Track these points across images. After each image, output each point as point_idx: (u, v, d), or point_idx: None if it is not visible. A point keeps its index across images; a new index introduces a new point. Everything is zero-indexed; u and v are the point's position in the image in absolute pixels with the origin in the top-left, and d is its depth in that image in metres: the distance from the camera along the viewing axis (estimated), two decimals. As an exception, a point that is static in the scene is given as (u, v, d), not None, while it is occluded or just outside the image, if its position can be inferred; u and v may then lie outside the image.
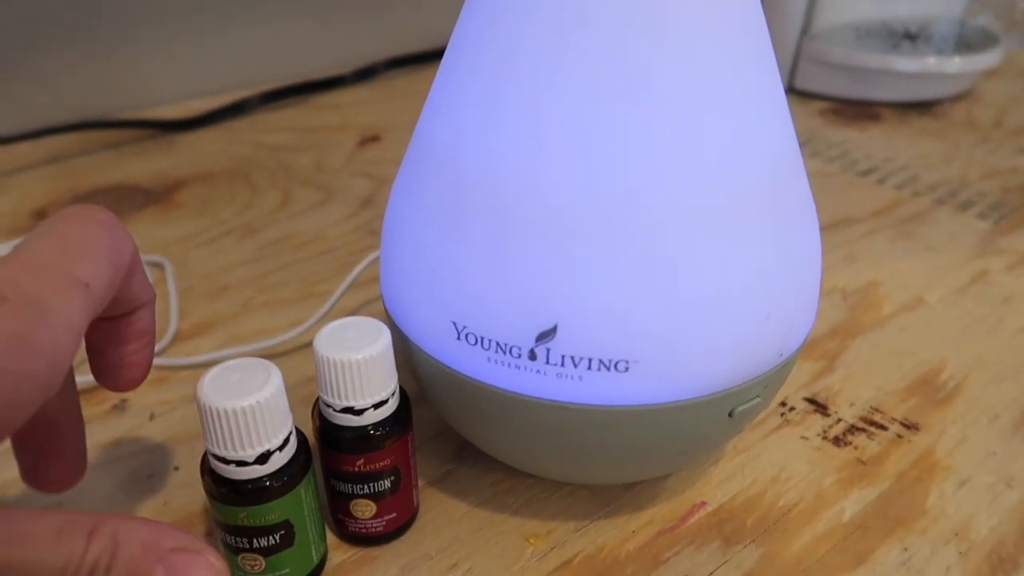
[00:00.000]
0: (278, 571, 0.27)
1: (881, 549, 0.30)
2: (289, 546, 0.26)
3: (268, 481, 0.25)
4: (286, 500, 0.25)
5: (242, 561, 0.26)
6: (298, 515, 0.26)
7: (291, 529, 0.26)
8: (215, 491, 0.25)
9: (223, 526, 0.26)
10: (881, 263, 0.50)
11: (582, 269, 0.24)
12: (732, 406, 0.27)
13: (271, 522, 0.25)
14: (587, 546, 0.30)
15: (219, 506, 0.25)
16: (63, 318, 0.18)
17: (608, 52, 0.23)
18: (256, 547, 0.26)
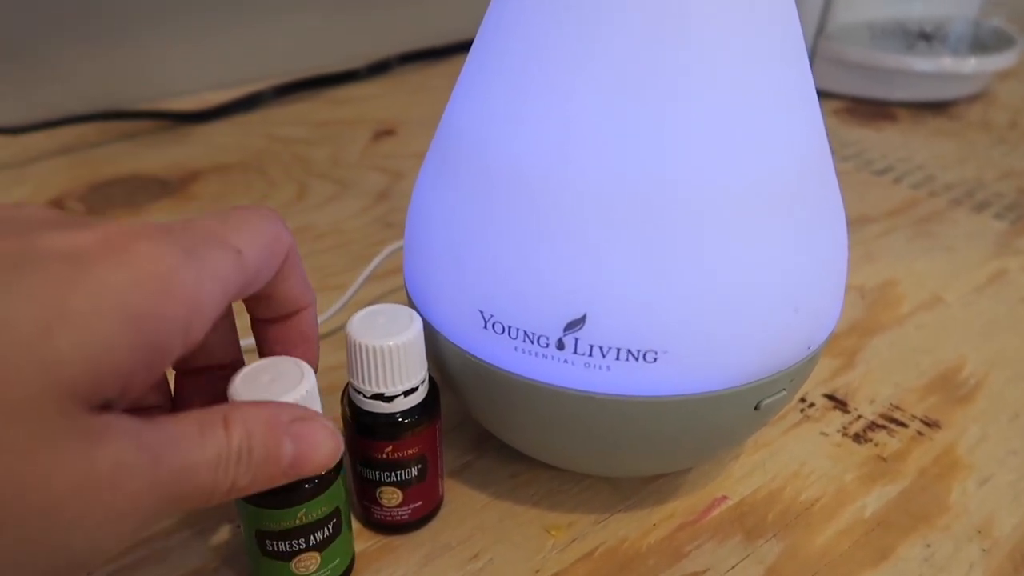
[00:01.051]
0: (331, 563, 0.26)
1: (903, 545, 0.30)
2: (339, 534, 0.26)
3: (307, 485, 0.25)
4: (335, 487, 0.25)
5: (296, 565, 0.26)
6: (343, 503, 0.26)
7: (339, 516, 0.26)
8: (276, 499, 0.24)
9: (276, 534, 0.25)
10: (898, 262, 0.49)
11: (612, 259, 0.24)
12: (759, 399, 0.27)
13: (323, 515, 0.25)
14: (608, 538, 0.30)
15: (277, 513, 0.24)
16: (209, 269, 0.18)
17: (641, 43, 0.23)
18: (311, 544, 0.25)
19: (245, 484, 0.19)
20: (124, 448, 0.16)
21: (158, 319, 0.16)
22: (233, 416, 0.19)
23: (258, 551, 0.25)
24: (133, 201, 0.55)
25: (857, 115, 0.72)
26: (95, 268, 0.16)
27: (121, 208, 0.54)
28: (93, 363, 0.15)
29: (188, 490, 0.18)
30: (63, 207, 0.54)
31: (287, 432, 0.20)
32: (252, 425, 0.19)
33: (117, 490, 0.16)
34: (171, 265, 0.17)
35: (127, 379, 0.16)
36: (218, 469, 0.18)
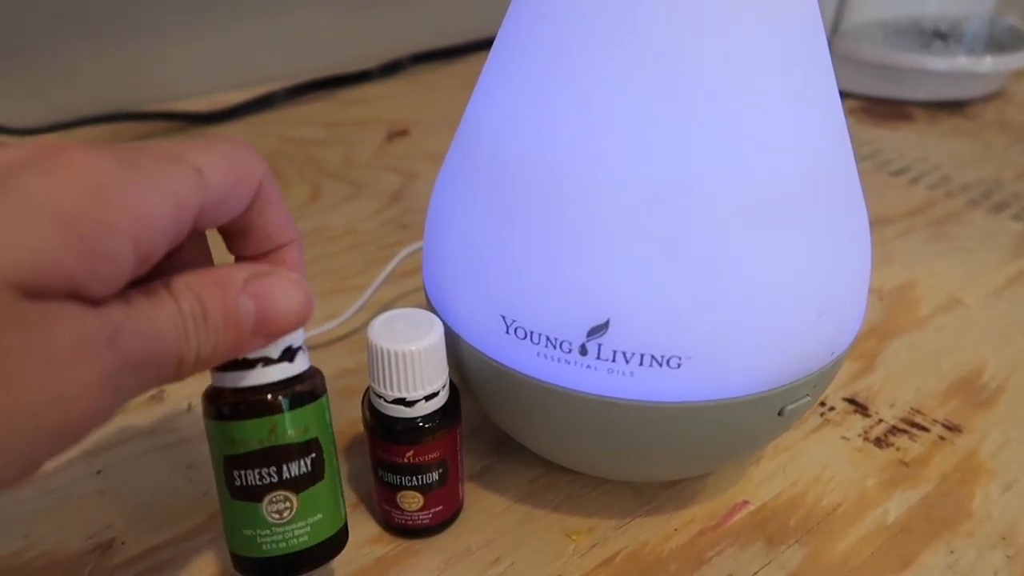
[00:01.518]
0: (312, 516, 0.23)
1: (927, 552, 0.30)
2: (322, 478, 0.23)
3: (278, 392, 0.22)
4: (314, 410, 0.23)
5: (268, 507, 0.22)
6: (326, 440, 0.23)
7: (321, 453, 0.23)
8: (218, 408, 0.22)
9: (244, 459, 0.22)
10: (916, 264, 0.49)
11: (636, 264, 0.24)
12: (782, 404, 0.26)
13: (298, 439, 0.22)
14: (629, 543, 0.30)
15: (243, 425, 0.22)
16: (155, 181, 0.17)
17: (666, 46, 0.22)
18: (285, 478, 0.22)
19: (210, 351, 0.19)
20: (78, 325, 0.16)
21: (94, 224, 0.16)
22: (176, 282, 0.19)
23: (228, 494, 0.23)
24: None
25: (872, 115, 0.72)
26: (20, 176, 0.16)
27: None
28: (27, 257, 0.15)
29: (153, 360, 0.18)
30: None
31: (243, 291, 0.19)
32: (200, 289, 0.19)
33: (80, 366, 0.16)
34: (105, 171, 0.16)
35: (71, 281, 0.16)
36: (178, 335, 0.18)
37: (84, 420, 0.16)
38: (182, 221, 0.18)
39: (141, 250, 0.17)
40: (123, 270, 0.17)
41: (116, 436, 0.35)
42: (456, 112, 0.28)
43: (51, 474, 0.33)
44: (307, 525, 0.23)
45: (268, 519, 0.22)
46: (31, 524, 0.31)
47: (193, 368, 0.19)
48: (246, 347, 0.20)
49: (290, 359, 0.22)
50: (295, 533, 0.23)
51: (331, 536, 0.24)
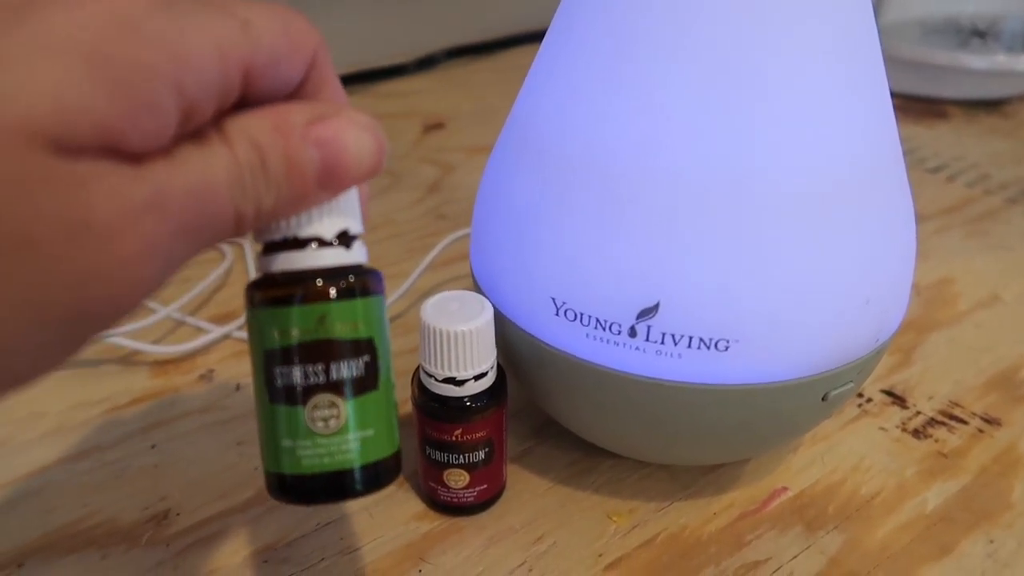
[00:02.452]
0: (363, 429, 0.19)
1: (966, 541, 0.30)
2: (375, 387, 0.20)
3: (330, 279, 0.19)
4: (370, 305, 0.19)
5: (312, 413, 0.19)
6: (382, 346, 0.20)
7: (375, 357, 0.20)
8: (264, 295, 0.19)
9: (286, 353, 0.19)
10: (954, 260, 0.49)
11: (687, 248, 0.24)
12: (827, 389, 0.27)
13: (350, 334, 0.19)
14: (669, 525, 0.31)
15: (288, 312, 0.19)
16: (196, 23, 0.15)
17: (723, 39, 0.23)
18: (333, 379, 0.19)
19: (271, 205, 0.17)
20: (117, 187, 0.14)
21: (129, 64, 0.14)
22: (230, 127, 0.16)
23: (266, 397, 0.19)
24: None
25: (909, 112, 0.71)
26: (41, 8, 0.13)
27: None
28: (52, 100, 0.13)
29: (207, 221, 0.16)
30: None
31: (305, 137, 0.17)
32: (256, 134, 0.16)
33: (121, 235, 0.14)
34: (138, 7, 0.14)
35: (106, 131, 0.14)
36: (233, 189, 0.16)
37: (129, 294, 0.15)
38: (228, 75, 0.16)
39: (185, 100, 0.15)
40: (165, 122, 0.15)
41: (168, 412, 0.36)
42: (491, 105, 0.29)
43: (109, 447, 0.34)
44: (356, 440, 0.19)
45: (311, 427, 0.19)
46: (90, 494, 0.32)
47: (252, 224, 0.17)
48: (310, 200, 0.17)
49: (346, 245, 0.19)
50: (341, 447, 0.19)
51: (383, 459, 0.20)
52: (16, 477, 0.32)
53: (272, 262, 0.19)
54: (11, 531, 0.30)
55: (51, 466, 0.33)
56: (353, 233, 0.19)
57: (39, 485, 0.32)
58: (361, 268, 0.20)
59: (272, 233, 0.19)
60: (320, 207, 0.19)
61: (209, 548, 0.30)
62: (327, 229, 0.19)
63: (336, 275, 0.19)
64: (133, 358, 0.39)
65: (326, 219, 0.19)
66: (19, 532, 0.30)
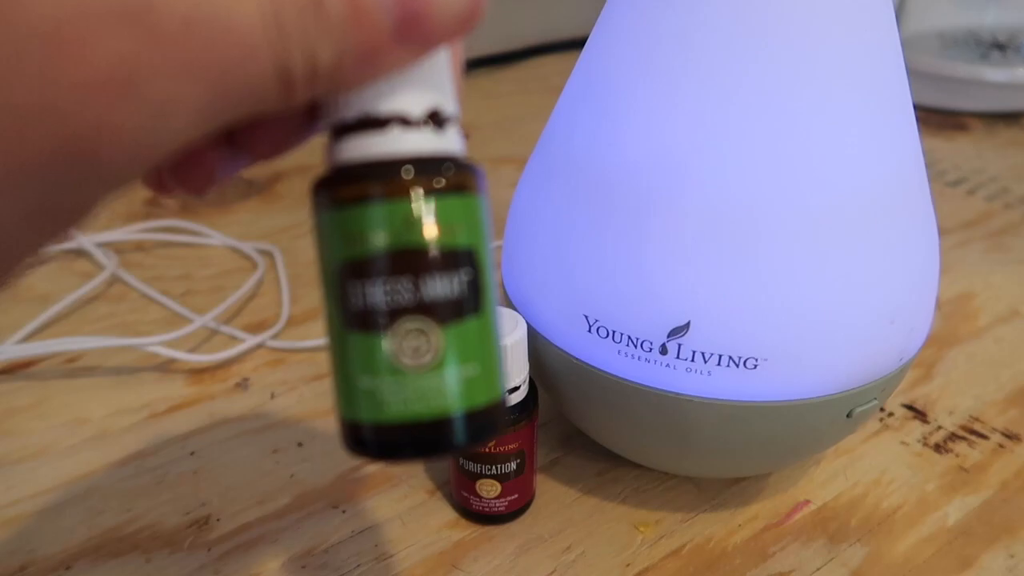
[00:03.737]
0: (463, 364, 0.15)
1: (987, 555, 0.31)
2: (477, 310, 0.15)
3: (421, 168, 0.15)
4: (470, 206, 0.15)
5: (398, 342, 0.15)
6: (484, 259, 0.16)
7: (478, 273, 0.15)
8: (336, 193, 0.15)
9: (365, 265, 0.15)
10: (974, 275, 0.49)
11: (717, 269, 0.25)
12: (852, 407, 0.27)
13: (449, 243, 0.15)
14: (695, 536, 0.32)
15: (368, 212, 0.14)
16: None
17: (752, 67, 0.24)
18: (424, 299, 0.15)
19: (329, 59, 0.12)
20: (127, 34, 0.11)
21: None
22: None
23: (341, 321, 0.15)
24: (223, 198, 0.58)
25: (929, 125, 0.72)
26: None
27: (211, 206, 0.56)
28: None
29: (241, 71, 0.12)
30: (157, 204, 0.57)
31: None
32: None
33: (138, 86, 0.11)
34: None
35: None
36: (269, 27, 0.12)
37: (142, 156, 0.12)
38: None
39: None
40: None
41: (206, 420, 0.37)
42: (514, 116, 0.29)
43: (150, 453, 0.35)
44: (454, 379, 0.15)
45: (397, 362, 0.15)
46: (133, 499, 0.33)
47: (305, 85, 0.13)
48: (384, 58, 0.13)
49: (438, 125, 0.15)
50: (435, 389, 0.15)
51: (487, 405, 0.16)
52: (62, 482, 0.34)
53: (343, 149, 0.15)
54: (59, 534, 0.31)
55: (95, 472, 0.34)
56: (446, 113, 0.15)
57: (84, 490, 0.33)
58: (458, 159, 0.15)
59: (341, 111, 0.15)
60: (401, 76, 0.14)
61: (249, 553, 0.31)
62: (413, 104, 0.15)
63: (427, 165, 0.15)
64: (170, 366, 0.40)
65: (411, 92, 0.14)
66: (66, 535, 0.31)
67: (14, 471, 0.34)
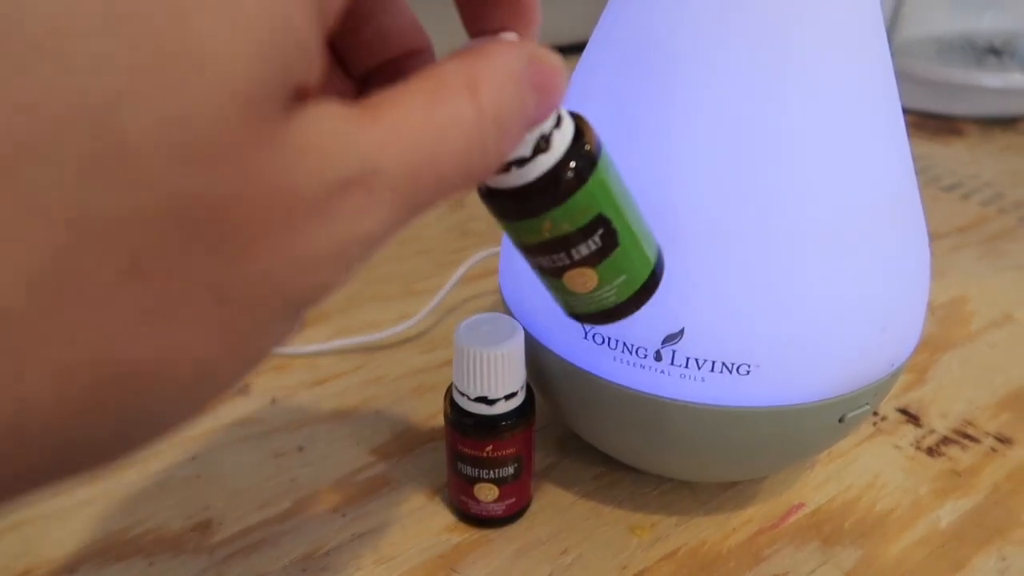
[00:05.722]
0: (615, 280, 0.22)
1: (979, 557, 0.31)
2: (616, 246, 0.21)
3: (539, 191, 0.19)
4: (589, 191, 0.19)
5: (571, 282, 0.21)
6: (612, 207, 0.20)
7: (609, 225, 0.20)
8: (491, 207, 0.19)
9: (533, 248, 0.20)
10: (968, 279, 0.50)
11: (711, 276, 0.25)
12: (844, 412, 0.28)
13: (581, 223, 0.20)
14: (689, 540, 0.32)
15: (517, 226, 0.20)
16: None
17: (745, 78, 0.24)
18: (576, 259, 0.20)
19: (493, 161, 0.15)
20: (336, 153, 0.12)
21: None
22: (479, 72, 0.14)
23: (536, 270, 0.22)
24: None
25: (924, 130, 0.72)
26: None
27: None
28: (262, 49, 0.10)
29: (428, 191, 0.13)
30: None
31: (528, 80, 0.15)
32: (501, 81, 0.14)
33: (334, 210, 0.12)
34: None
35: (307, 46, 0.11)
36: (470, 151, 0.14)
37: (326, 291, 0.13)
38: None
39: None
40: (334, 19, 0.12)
41: (207, 425, 0.37)
42: None
43: (152, 458, 0.35)
44: (612, 288, 0.22)
45: (572, 289, 0.21)
46: (136, 504, 0.33)
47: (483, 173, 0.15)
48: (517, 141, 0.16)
49: (545, 148, 0.18)
50: (602, 297, 0.22)
51: (640, 288, 0.22)
52: (65, 487, 0.34)
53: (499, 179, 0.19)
54: (63, 538, 0.32)
55: (99, 476, 0.35)
56: (547, 132, 0.18)
57: (88, 495, 0.34)
58: (567, 155, 0.18)
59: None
60: None
61: (251, 557, 0.31)
62: (522, 148, 0.18)
63: (544, 184, 0.18)
64: (172, 371, 0.41)
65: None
66: (70, 539, 0.32)
67: (19, 476, 0.35)
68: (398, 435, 0.37)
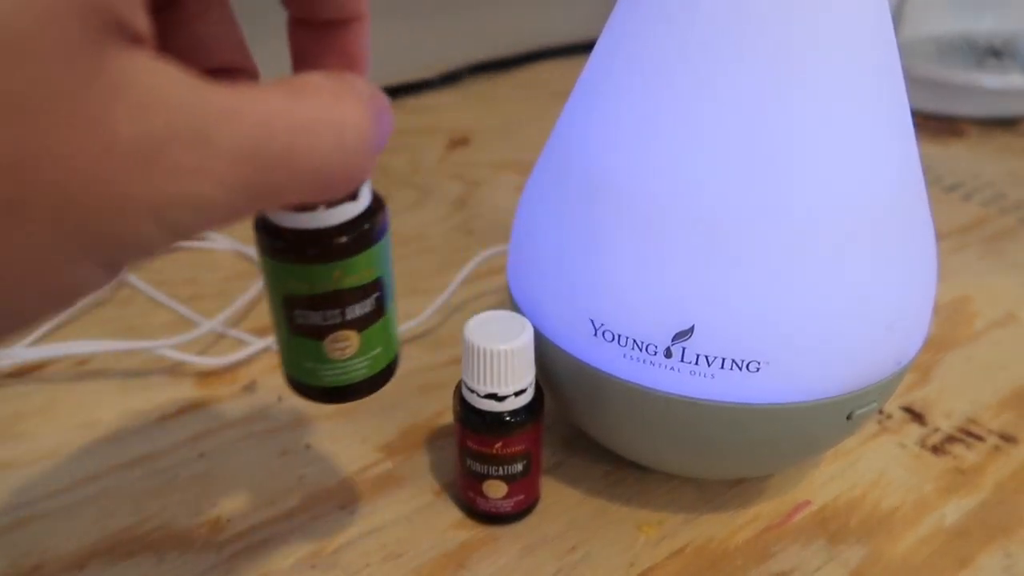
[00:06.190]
0: (371, 351, 0.22)
1: (983, 555, 0.31)
2: (383, 315, 0.22)
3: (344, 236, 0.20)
4: (379, 249, 0.21)
5: (331, 345, 0.22)
6: (387, 276, 0.22)
7: (383, 291, 0.22)
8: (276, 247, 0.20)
9: (306, 301, 0.21)
10: (970, 279, 0.50)
11: (721, 274, 0.26)
12: (851, 409, 0.28)
13: (363, 281, 0.21)
14: (697, 537, 0.32)
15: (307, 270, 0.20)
16: None
17: (754, 77, 0.24)
18: (348, 319, 0.21)
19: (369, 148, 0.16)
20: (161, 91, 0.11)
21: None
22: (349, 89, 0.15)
23: (286, 326, 0.22)
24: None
25: (925, 130, 0.72)
26: None
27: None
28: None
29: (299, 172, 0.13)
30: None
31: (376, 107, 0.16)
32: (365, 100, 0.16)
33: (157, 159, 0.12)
34: None
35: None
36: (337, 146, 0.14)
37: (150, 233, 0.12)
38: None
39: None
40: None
41: (215, 422, 0.37)
42: (515, 121, 0.30)
43: (160, 455, 0.36)
44: (367, 359, 0.23)
45: (329, 355, 0.22)
46: (145, 501, 0.33)
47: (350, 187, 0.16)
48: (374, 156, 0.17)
49: (353, 196, 0.20)
50: (355, 367, 0.23)
51: (386, 366, 0.24)
52: (74, 483, 0.34)
53: (284, 218, 0.19)
54: (72, 535, 0.32)
55: (106, 473, 0.35)
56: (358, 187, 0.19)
57: (96, 491, 0.34)
58: (368, 211, 0.20)
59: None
60: None
61: (259, 553, 0.31)
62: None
63: (348, 230, 0.20)
64: (179, 369, 0.41)
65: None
66: (80, 536, 0.32)
67: (27, 474, 0.35)
68: (404, 433, 0.37)
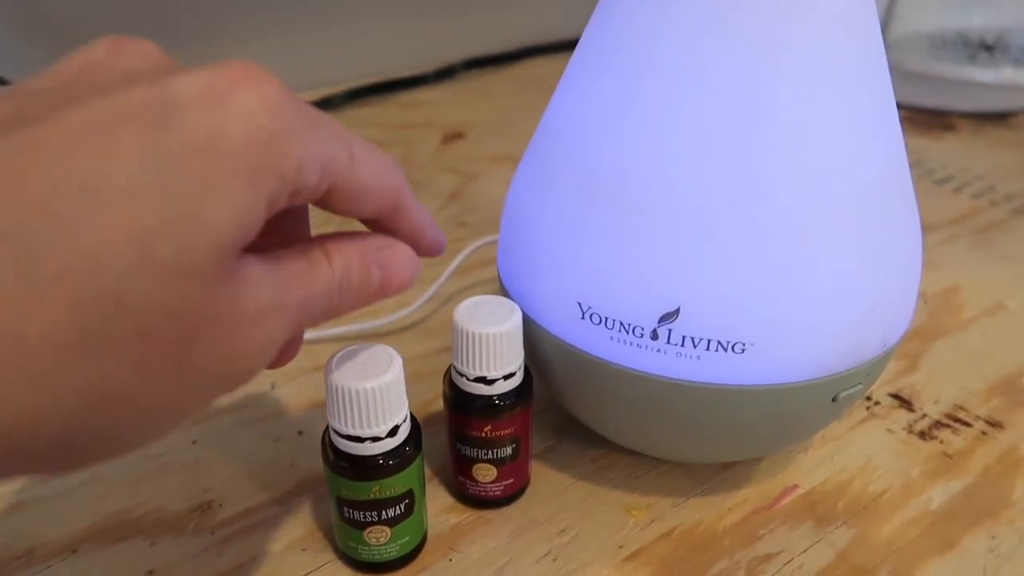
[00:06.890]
0: (400, 540, 0.29)
1: (969, 536, 0.32)
2: (410, 514, 0.29)
3: (390, 459, 0.27)
4: (411, 471, 0.28)
5: (369, 535, 0.28)
6: (418, 485, 0.28)
7: (412, 499, 0.28)
8: (342, 468, 0.27)
9: (349, 503, 0.28)
10: (960, 269, 0.51)
11: (706, 256, 0.26)
12: (837, 391, 0.28)
13: (397, 493, 0.28)
14: (685, 520, 0.32)
15: (348, 483, 0.27)
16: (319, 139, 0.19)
17: (738, 62, 0.25)
18: (383, 519, 0.28)
19: (343, 308, 0.22)
20: (262, 292, 0.18)
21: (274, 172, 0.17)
22: (333, 251, 0.21)
23: (338, 515, 0.28)
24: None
25: (917, 124, 0.73)
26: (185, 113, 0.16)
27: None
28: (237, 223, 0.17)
29: (305, 320, 0.20)
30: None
31: (374, 260, 0.22)
32: (349, 257, 0.21)
33: (261, 326, 0.18)
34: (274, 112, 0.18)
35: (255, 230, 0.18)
36: (327, 298, 0.21)
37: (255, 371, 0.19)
38: (320, 188, 0.19)
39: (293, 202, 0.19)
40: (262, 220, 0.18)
41: (208, 410, 0.38)
42: (509, 115, 0.30)
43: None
44: (397, 546, 0.29)
45: (366, 540, 0.29)
46: (138, 486, 0.34)
47: (328, 318, 0.21)
48: (366, 304, 0.22)
49: (394, 434, 0.27)
50: (387, 551, 0.29)
51: (414, 548, 0.30)
52: (67, 469, 0.34)
53: (342, 443, 0.27)
54: (64, 519, 0.32)
55: (99, 459, 0.35)
56: (399, 423, 0.27)
57: (88, 476, 0.34)
58: (406, 441, 0.27)
59: (344, 428, 0.26)
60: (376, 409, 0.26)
61: (251, 537, 0.31)
62: (380, 428, 0.26)
63: (388, 457, 0.27)
64: (172, 358, 0.41)
65: (380, 421, 0.26)
66: (72, 520, 0.32)
67: (20, 459, 0.35)
68: (397, 420, 0.37)
